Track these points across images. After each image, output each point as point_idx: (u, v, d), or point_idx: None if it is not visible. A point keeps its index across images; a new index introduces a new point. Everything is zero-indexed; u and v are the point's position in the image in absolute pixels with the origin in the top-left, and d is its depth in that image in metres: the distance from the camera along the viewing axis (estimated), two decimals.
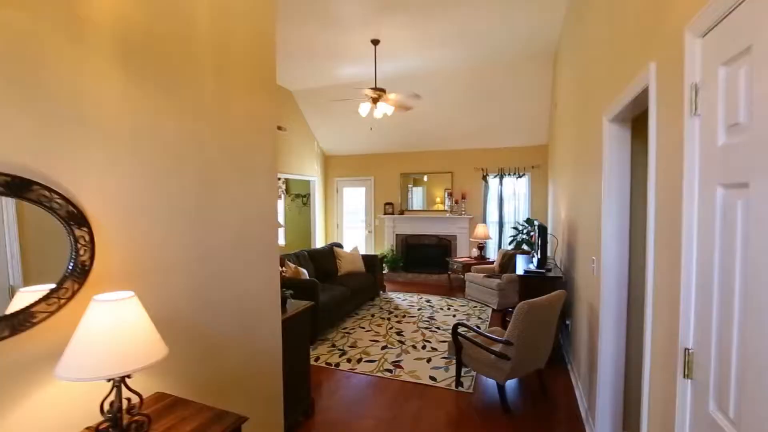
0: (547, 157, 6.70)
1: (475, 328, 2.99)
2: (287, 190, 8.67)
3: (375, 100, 4.76)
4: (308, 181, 8.05)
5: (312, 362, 3.65)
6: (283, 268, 2.80)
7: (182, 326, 1.65)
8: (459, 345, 3.05)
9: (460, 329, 3.06)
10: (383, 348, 4.01)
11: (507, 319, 3.40)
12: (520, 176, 6.87)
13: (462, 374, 3.27)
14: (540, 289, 3.49)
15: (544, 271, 3.60)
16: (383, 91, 4.71)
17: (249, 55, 2.01)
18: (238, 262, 1.95)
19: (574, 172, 3.38)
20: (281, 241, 8.77)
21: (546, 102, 5.95)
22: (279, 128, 6.57)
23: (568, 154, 3.84)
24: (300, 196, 8.53)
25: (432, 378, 3.32)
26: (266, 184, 2.15)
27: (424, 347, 4.02)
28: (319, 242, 8.06)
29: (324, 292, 4.47)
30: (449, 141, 7.20)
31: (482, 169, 7.13)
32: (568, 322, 3.59)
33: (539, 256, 3.77)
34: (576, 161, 3.28)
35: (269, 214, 2.18)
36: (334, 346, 4.08)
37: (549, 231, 4.71)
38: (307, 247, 6.43)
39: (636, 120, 2.16)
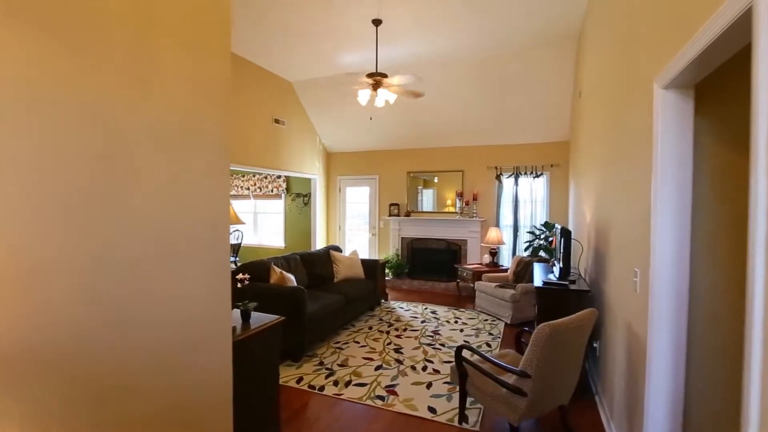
0: (567, 155, 6.10)
1: (482, 353, 2.44)
2: (288, 189, 8.25)
3: (375, 86, 4.27)
4: (309, 180, 7.61)
5: (294, 384, 3.17)
6: (242, 275, 2.31)
7: (60, 360, 1.16)
8: (463, 371, 2.52)
9: (465, 353, 2.53)
10: (377, 368, 3.48)
11: (523, 340, 2.85)
12: (537, 176, 6.28)
13: (467, 406, 2.73)
14: (561, 304, 2.93)
15: (567, 282, 3.04)
16: (384, 75, 4.22)
17: None
18: (168, 270, 1.46)
19: (606, 165, 2.81)
20: (281, 244, 8.34)
21: (567, 93, 5.37)
22: (276, 121, 6.16)
23: (596, 145, 3.28)
24: (301, 196, 8.09)
25: (431, 409, 2.79)
26: (215, 171, 1.66)
27: (424, 368, 3.48)
28: (319, 245, 7.59)
29: (314, 301, 3.97)
30: (460, 137, 6.66)
31: (496, 168, 6.56)
32: (595, 344, 3.02)
33: (561, 265, 3.21)
34: (609, 151, 2.72)
35: (218, 209, 1.69)
36: (321, 364, 3.57)
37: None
38: (307, 250, 5.97)
39: (700, 87, 1.61)
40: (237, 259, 7.63)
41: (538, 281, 3.26)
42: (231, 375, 1.78)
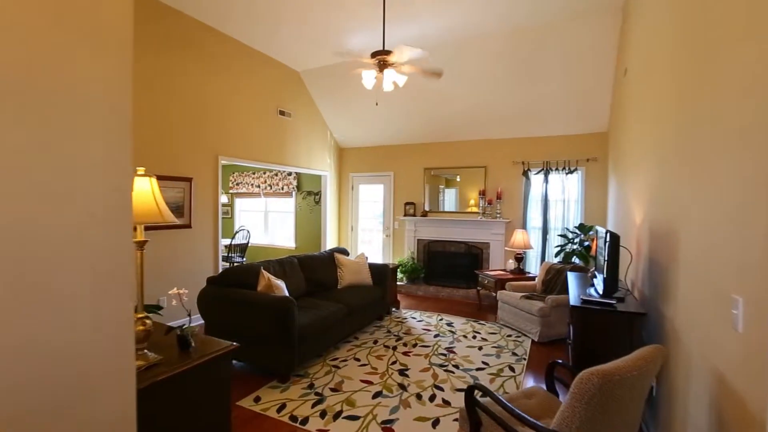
0: (606, 148, 5.34)
1: (501, 399, 1.83)
2: (298, 187, 7.81)
3: (381, 67, 3.72)
4: (320, 177, 7.15)
5: (274, 413, 2.66)
6: (177, 291, 1.80)
7: None
8: (476, 419, 1.92)
9: (478, 395, 1.93)
10: (376, 395, 2.92)
11: (556, 375, 2.22)
12: (570, 171, 5.55)
13: None
14: (606, 330, 2.29)
15: (613, 301, 2.38)
16: (387, 52, 3.65)
17: None
18: (20, 293, 0.96)
19: (671, 151, 2.15)
20: (291, 244, 7.91)
21: (608, 75, 4.63)
22: (282, 113, 5.72)
23: (653, 128, 2.60)
24: (312, 194, 7.63)
25: None
26: (99, 146, 1.15)
27: (432, 398, 2.89)
28: (330, 246, 7.11)
29: (308, 312, 3.46)
30: (482, 129, 6.01)
31: (523, 163, 5.87)
32: (652, 383, 2.34)
33: (605, 276, 2.55)
34: (677, 131, 2.05)
35: (112, 199, 1.18)
36: (311, 387, 3.04)
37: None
38: (309, 252, 5.50)
39: None
40: (245, 260, 7.25)
41: (574, 297, 2.62)
42: (134, 428, 1.26)
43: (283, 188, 7.97)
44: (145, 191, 1.46)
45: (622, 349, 2.25)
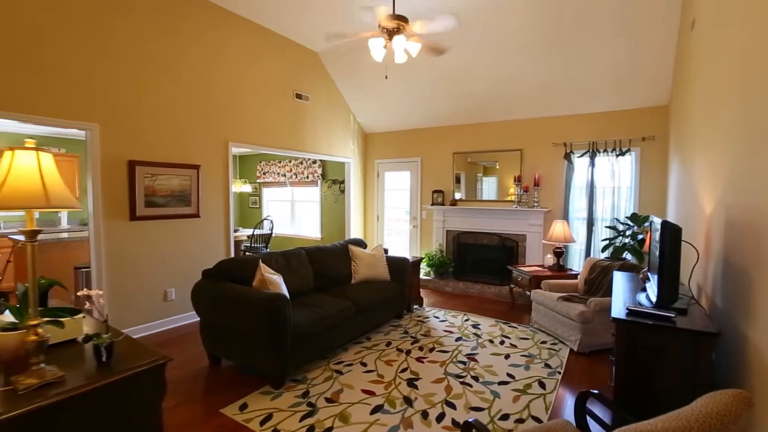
0: (667, 124, 4.53)
1: None
2: (323, 175, 7.54)
3: (391, 33, 3.26)
4: (343, 164, 6.82)
5: (256, 426, 2.35)
6: (85, 292, 1.50)
7: None
8: None
9: None
10: (375, 410, 2.53)
11: (589, 407, 1.71)
12: (621, 153, 4.78)
13: None
14: (661, 353, 1.74)
15: (671, 314, 1.82)
16: (403, 19, 3.18)
17: None
18: None
19: (761, 122, 1.54)
20: (317, 235, 7.69)
21: (668, 35, 3.85)
22: (299, 97, 5.42)
23: (738, 90, 1.96)
24: (337, 183, 7.33)
25: None
26: None
27: (440, 418, 2.46)
28: (355, 237, 6.78)
29: (309, 310, 3.13)
30: (517, 107, 5.35)
31: (564, 145, 5.16)
32: None
33: (661, 280, 1.98)
34: None
35: None
36: (306, 395, 2.71)
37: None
38: (320, 245, 5.19)
39: None
40: (268, 251, 7.12)
41: (617, 306, 2.06)
42: None
43: (308, 177, 7.74)
44: (28, 167, 1.15)
45: (683, 381, 1.70)
